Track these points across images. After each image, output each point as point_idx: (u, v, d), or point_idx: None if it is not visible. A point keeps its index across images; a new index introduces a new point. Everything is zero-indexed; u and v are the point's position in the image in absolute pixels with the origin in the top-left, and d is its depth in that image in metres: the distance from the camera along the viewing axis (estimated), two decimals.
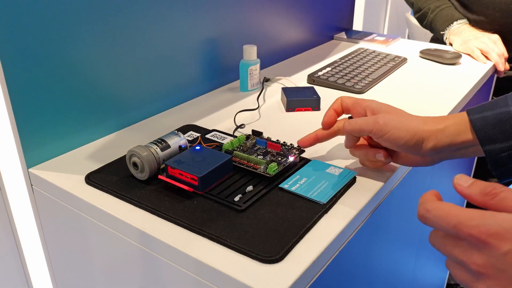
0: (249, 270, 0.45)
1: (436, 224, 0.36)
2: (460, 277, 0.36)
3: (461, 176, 0.37)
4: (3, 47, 0.56)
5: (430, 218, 0.36)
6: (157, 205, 0.55)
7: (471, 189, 0.36)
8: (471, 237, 0.33)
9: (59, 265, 0.70)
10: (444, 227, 0.35)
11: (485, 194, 0.35)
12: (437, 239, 0.37)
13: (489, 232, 0.32)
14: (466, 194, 0.37)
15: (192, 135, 0.71)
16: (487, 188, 0.35)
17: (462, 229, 0.33)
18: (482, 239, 0.32)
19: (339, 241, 0.52)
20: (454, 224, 0.34)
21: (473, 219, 0.33)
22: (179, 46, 0.82)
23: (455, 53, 1.11)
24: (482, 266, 0.33)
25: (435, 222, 0.36)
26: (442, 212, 0.35)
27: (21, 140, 0.61)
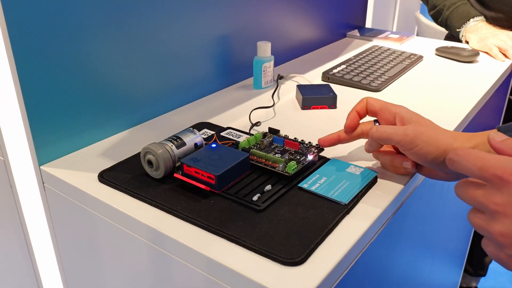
0: (270, 272, 0.44)
1: (463, 167, 0.37)
2: (478, 223, 0.37)
3: (495, 133, 0.39)
4: (16, 44, 0.55)
5: (458, 160, 0.37)
6: (173, 204, 0.53)
7: (505, 143, 0.37)
8: (495, 177, 0.34)
9: (70, 265, 0.69)
10: (470, 169, 0.36)
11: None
12: (462, 186, 0.38)
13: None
14: (499, 148, 0.37)
15: (207, 132, 0.70)
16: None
17: (488, 170, 0.35)
18: (505, 178, 0.33)
19: (362, 243, 0.50)
20: (480, 165, 0.35)
21: (499, 162, 0.34)
22: (192, 43, 0.80)
23: (473, 51, 1.08)
24: (500, 204, 0.34)
25: (462, 164, 0.37)
26: (470, 156, 0.36)
27: (33, 137, 0.60)
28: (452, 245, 1.14)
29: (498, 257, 0.36)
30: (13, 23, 0.54)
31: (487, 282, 1.66)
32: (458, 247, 1.24)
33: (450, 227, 1.03)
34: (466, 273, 1.58)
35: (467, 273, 1.58)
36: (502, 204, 0.34)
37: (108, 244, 0.59)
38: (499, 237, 0.35)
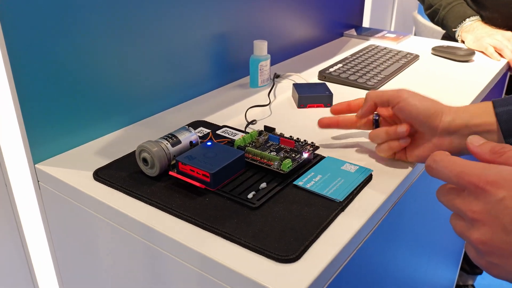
0: (265, 269, 0.44)
1: (440, 173, 0.37)
2: (458, 228, 0.37)
3: (474, 137, 0.39)
4: (11, 41, 0.55)
5: (436, 168, 0.37)
6: (168, 202, 0.53)
7: (482, 147, 0.37)
8: (471, 184, 0.34)
9: (65, 263, 0.69)
10: (447, 176, 0.36)
11: (494, 152, 0.36)
12: (443, 192, 0.38)
13: (488, 180, 0.33)
14: (477, 152, 0.38)
15: (203, 131, 0.70)
16: (496, 147, 0.37)
17: (464, 177, 0.35)
18: (481, 186, 0.34)
19: (356, 240, 0.50)
20: (457, 172, 0.35)
21: (476, 169, 0.35)
22: (188, 41, 0.80)
23: (469, 50, 1.09)
24: (477, 212, 0.34)
25: (440, 171, 0.37)
26: (448, 162, 0.37)
27: (28, 135, 0.60)
28: (449, 243, 1.14)
29: (479, 263, 0.36)
30: (7, 19, 0.54)
31: (483, 280, 1.66)
32: (454, 245, 1.24)
33: (447, 225, 1.03)
34: (463, 271, 1.58)
35: (463, 271, 1.58)
36: (479, 212, 0.34)
37: (103, 242, 0.59)
38: (479, 245, 0.35)
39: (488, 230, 0.34)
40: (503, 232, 0.33)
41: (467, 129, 0.54)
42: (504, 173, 0.33)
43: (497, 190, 0.33)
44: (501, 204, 0.33)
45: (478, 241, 0.35)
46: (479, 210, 0.34)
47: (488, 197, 0.33)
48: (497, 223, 0.33)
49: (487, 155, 0.37)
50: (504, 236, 0.33)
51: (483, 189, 0.34)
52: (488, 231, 0.34)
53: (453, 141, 0.55)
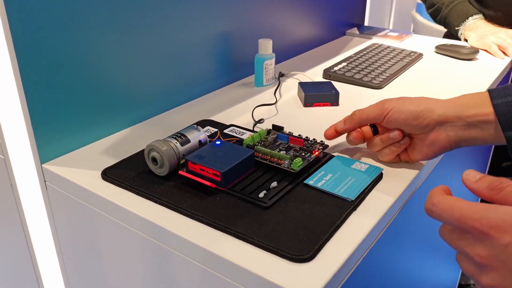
0: (279, 269, 0.43)
1: (441, 218, 0.36)
2: (467, 270, 0.36)
3: (469, 172, 0.38)
4: (18, 41, 0.54)
5: (435, 211, 0.36)
6: (178, 201, 0.52)
7: (479, 183, 0.37)
8: (474, 229, 0.33)
9: (72, 264, 0.68)
10: (448, 220, 0.36)
11: (492, 188, 0.35)
12: (446, 232, 0.37)
13: (491, 225, 0.33)
14: (474, 189, 0.37)
15: (210, 130, 0.69)
16: (494, 182, 0.36)
17: (466, 222, 0.34)
18: (484, 231, 0.33)
19: (369, 239, 0.50)
20: (458, 217, 0.34)
21: (476, 212, 0.34)
22: (193, 40, 0.80)
23: (472, 49, 1.08)
24: (485, 258, 0.34)
25: (440, 215, 0.36)
26: (446, 206, 0.35)
27: (35, 134, 0.59)
28: None
29: None
30: (15, 20, 0.53)
31: None
32: None
33: None
34: None
35: None
36: (486, 258, 0.33)
37: (112, 242, 0.58)
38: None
39: (497, 275, 0.33)
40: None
41: (461, 120, 0.53)
42: (506, 216, 0.32)
43: (502, 235, 0.32)
44: (507, 249, 0.32)
45: (488, 285, 0.34)
46: (486, 255, 0.33)
47: (493, 242, 0.33)
48: (506, 268, 0.33)
49: (485, 191, 0.36)
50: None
51: (487, 234, 0.33)
52: (497, 276, 0.33)
53: (448, 134, 0.55)
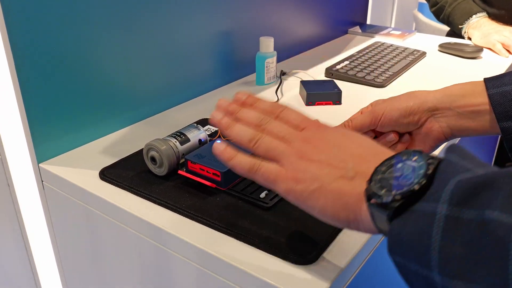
0: (281, 272, 0.42)
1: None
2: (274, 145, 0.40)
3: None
4: (15, 39, 0.53)
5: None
6: (178, 202, 0.51)
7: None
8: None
9: (70, 265, 0.67)
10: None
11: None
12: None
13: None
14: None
15: (210, 129, 0.68)
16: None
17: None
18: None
19: (374, 241, 0.48)
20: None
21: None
22: (193, 39, 0.78)
23: (476, 47, 1.07)
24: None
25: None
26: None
27: (32, 133, 0.58)
28: None
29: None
30: (11, 16, 0.52)
31: None
32: None
33: None
34: None
35: None
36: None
37: (110, 243, 0.57)
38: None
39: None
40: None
41: (452, 111, 0.52)
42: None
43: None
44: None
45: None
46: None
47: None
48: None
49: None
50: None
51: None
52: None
53: (441, 125, 0.54)
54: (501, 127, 0.49)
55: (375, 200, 0.32)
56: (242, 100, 0.44)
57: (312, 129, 0.40)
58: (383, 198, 0.31)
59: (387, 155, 0.35)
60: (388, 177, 0.32)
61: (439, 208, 0.28)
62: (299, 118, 0.42)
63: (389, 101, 0.54)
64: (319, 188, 0.36)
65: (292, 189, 0.37)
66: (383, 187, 0.32)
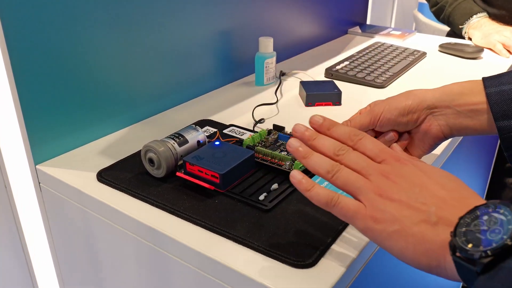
0: (280, 275, 0.41)
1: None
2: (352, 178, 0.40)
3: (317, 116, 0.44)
4: (11, 40, 0.53)
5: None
6: (176, 204, 0.51)
7: (339, 131, 0.43)
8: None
9: (67, 268, 0.66)
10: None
11: (350, 139, 0.42)
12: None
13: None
14: (333, 135, 0.43)
15: (209, 130, 0.67)
16: (352, 132, 0.42)
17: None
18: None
19: (373, 245, 0.48)
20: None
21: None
22: (193, 39, 0.78)
23: (477, 47, 1.07)
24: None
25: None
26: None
27: (29, 135, 0.57)
28: None
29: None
30: (7, 17, 0.52)
31: None
32: None
33: None
34: None
35: None
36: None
37: (107, 245, 0.56)
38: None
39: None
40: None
41: (450, 109, 0.52)
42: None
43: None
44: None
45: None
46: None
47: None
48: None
49: (343, 138, 0.43)
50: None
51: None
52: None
53: (439, 123, 0.53)
54: (497, 126, 0.49)
55: (462, 255, 0.31)
56: (318, 124, 0.44)
57: (391, 162, 0.39)
58: (471, 254, 0.30)
59: (470, 201, 0.34)
60: (474, 230, 0.31)
61: None
62: (377, 148, 0.41)
63: (387, 101, 0.54)
64: (399, 230, 0.35)
65: (370, 228, 0.37)
66: (469, 241, 0.31)
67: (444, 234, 0.33)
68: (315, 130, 0.44)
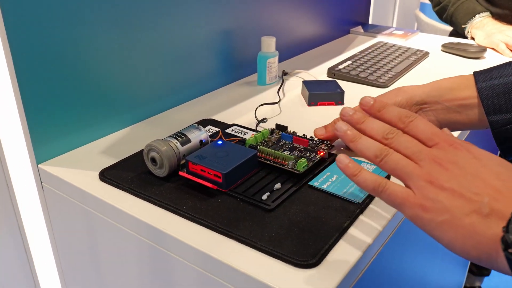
0: (283, 275, 0.41)
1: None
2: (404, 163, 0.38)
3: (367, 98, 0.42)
4: (14, 40, 0.53)
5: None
6: (178, 203, 0.50)
7: (389, 112, 0.41)
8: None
9: (69, 267, 0.66)
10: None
11: (401, 120, 0.40)
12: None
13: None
14: (383, 116, 0.41)
15: (211, 129, 0.67)
16: (402, 113, 0.40)
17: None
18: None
19: (377, 243, 0.48)
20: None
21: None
22: (194, 38, 0.78)
23: (479, 47, 1.06)
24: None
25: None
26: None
27: (31, 134, 0.57)
28: None
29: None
30: (10, 19, 0.52)
31: (490, 282, 1.64)
32: None
33: None
34: (470, 273, 1.56)
35: (471, 273, 1.56)
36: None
37: (110, 245, 0.56)
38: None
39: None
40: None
41: (439, 105, 0.52)
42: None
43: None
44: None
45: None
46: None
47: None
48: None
49: (395, 120, 0.41)
50: None
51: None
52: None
53: (430, 118, 0.54)
54: (489, 121, 0.49)
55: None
56: (369, 105, 0.42)
57: (443, 146, 0.37)
58: None
59: None
60: None
61: None
62: (429, 131, 0.38)
63: (377, 98, 0.53)
64: (448, 220, 0.34)
65: (419, 216, 0.36)
66: None
67: (496, 227, 0.32)
68: (365, 112, 0.42)
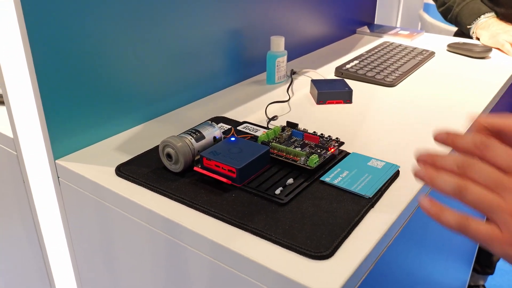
0: (298, 266, 0.43)
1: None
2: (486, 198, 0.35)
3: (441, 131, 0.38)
4: (34, 38, 0.54)
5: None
6: (194, 198, 0.52)
7: (463, 141, 0.36)
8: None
9: (84, 260, 0.68)
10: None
11: (476, 146, 0.36)
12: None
13: None
14: (458, 145, 0.37)
15: (223, 127, 0.69)
16: (477, 139, 0.36)
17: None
18: None
19: (387, 237, 0.49)
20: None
21: None
22: (205, 38, 0.79)
23: (485, 47, 1.07)
24: None
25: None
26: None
27: (49, 130, 0.59)
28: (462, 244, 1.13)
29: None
30: (30, 17, 0.53)
31: (494, 280, 1.65)
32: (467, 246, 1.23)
33: None
34: (474, 271, 1.57)
35: (475, 271, 1.57)
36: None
37: (125, 238, 0.58)
38: None
39: None
40: None
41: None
42: None
43: None
44: None
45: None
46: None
47: None
48: None
49: (470, 146, 0.36)
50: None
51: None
52: None
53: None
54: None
55: None
56: (442, 141, 0.39)
57: None
58: None
59: None
60: None
61: None
62: (509, 158, 0.34)
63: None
64: None
65: (509, 254, 0.34)
66: None
67: None
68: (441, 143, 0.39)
